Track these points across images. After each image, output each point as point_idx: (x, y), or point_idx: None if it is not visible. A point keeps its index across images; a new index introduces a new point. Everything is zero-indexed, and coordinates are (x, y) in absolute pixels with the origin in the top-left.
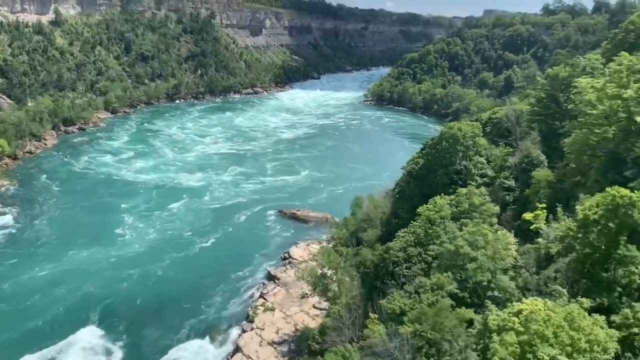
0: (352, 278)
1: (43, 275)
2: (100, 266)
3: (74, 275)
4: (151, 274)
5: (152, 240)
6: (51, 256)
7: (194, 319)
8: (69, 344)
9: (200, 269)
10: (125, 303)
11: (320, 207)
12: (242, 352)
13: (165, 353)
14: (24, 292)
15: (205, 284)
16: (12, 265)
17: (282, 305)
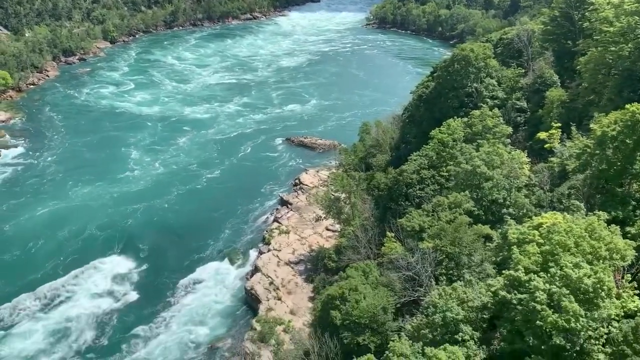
0: (364, 201)
1: (55, 209)
2: (110, 200)
3: (85, 208)
4: (163, 206)
5: (159, 174)
6: (61, 191)
7: (211, 243)
8: (93, 270)
9: (213, 198)
10: (142, 232)
11: (327, 134)
12: (261, 272)
13: (186, 275)
14: (41, 224)
15: (219, 212)
16: (27, 199)
17: (296, 228)
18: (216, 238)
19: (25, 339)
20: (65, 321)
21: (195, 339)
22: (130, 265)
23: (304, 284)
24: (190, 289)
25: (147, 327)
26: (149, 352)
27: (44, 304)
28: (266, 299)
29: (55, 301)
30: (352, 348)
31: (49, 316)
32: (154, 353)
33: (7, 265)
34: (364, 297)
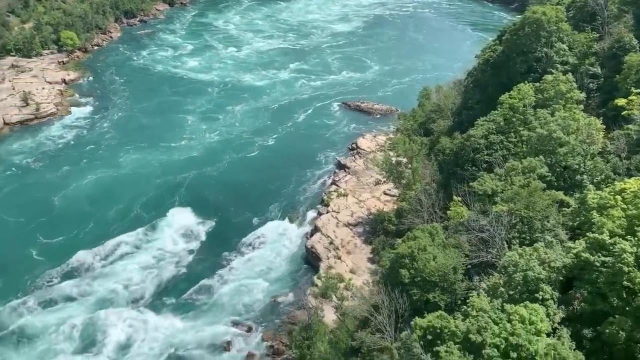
0: (425, 166)
1: (115, 172)
2: (169, 166)
3: (144, 173)
4: (221, 171)
5: (214, 142)
6: (119, 155)
7: (271, 204)
8: (158, 226)
9: (270, 162)
10: (203, 194)
11: (385, 99)
12: (321, 232)
13: (248, 233)
14: (100, 186)
15: (277, 175)
16: (90, 161)
17: (353, 191)
18: (275, 199)
19: (98, 288)
20: (131, 273)
21: (258, 292)
22: (194, 222)
23: (362, 245)
24: (252, 245)
25: (211, 279)
26: (214, 303)
27: (109, 257)
28: (326, 258)
29: (120, 254)
30: (419, 305)
31: (114, 269)
32: (218, 304)
33: (72, 224)
34: (434, 257)
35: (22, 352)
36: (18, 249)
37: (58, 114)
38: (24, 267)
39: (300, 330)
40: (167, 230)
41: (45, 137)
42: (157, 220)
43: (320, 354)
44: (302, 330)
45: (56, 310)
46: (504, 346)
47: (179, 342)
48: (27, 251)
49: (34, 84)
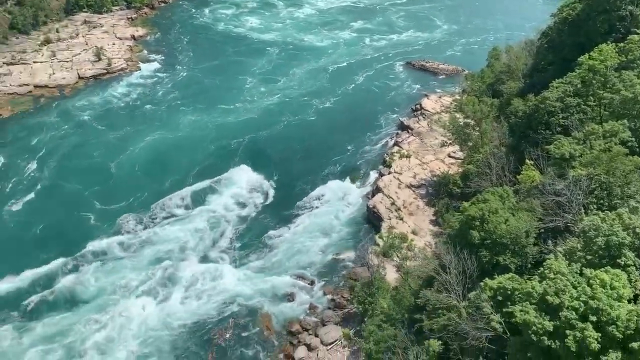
0: (494, 128)
1: (177, 133)
2: (228, 126)
3: (204, 134)
4: (282, 132)
5: (275, 102)
6: (181, 114)
7: (332, 164)
8: (223, 182)
9: (332, 122)
10: (265, 154)
11: (451, 60)
12: (383, 192)
13: (310, 191)
14: (161, 146)
15: (339, 135)
16: (155, 118)
17: (417, 153)
18: (336, 160)
19: (159, 245)
20: (194, 229)
21: (319, 249)
22: (255, 181)
23: (425, 207)
24: (313, 204)
25: (273, 235)
26: (277, 258)
27: (168, 217)
28: (388, 218)
29: (179, 214)
30: (487, 267)
31: (173, 227)
32: (281, 258)
33: (130, 188)
34: (505, 220)
35: (80, 310)
36: (76, 214)
37: (128, 70)
38: (82, 231)
39: (362, 287)
40: (228, 188)
41: (111, 94)
42: (217, 180)
43: (383, 309)
44: (365, 287)
45: (117, 269)
46: (582, 309)
47: (244, 293)
48: (85, 216)
49: (105, 39)
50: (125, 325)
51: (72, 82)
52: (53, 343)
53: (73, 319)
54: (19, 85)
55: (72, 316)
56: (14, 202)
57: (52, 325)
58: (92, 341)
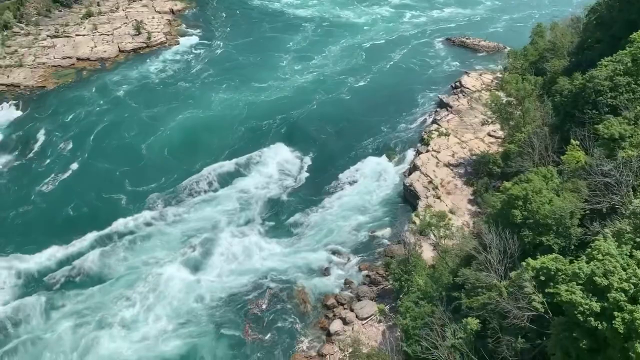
0: (537, 107)
1: (209, 112)
2: (262, 104)
3: (237, 111)
4: (316, 110)
5: (309, 80)
6: (214, 92)
7: (368, 141)
8: (258, 158)
9: (369, 100)
10: (300, 131)
11: (493, 36)
12: (420, 171)
13: (346, 168)
14: (197, 124)
15: (375, 112)
16: (188, 95)
17: (455, 131)
18: (372, 137)
19: (197, 217)
20: (230, 203)
21: (355, 225)
22: (292, 156)
23: (463, 187)
24: (349, 181)
25: (309, 211)
26: (312, 232)
27: (211, 186)
28: (425, 197)
29: (213, 192)
30: (528, 248)
31: (214, 199)
32: (316, 233)
33: (167, 163)
34: (549, 200)
35: (111, 285)
36: (107, 195)
37: (167, 44)
38: (112, 211)
39: (398, 264)
40: (263, 165)
41: (148, 69)
42: (251, 157)
43: (420, 287)
44: (401, 264)
45: (149, 245)
46: (632, 291)
47: (279, 267)
48: (116, 196)
49: (145, 13)
50: (158, 298)
51: (113, 56)
52: (84, 317)
53: (104, 294)
54: (62, 58)
55: (103, 291)
56: (47, 181)
57: (83, 300)
58: (124, 315)
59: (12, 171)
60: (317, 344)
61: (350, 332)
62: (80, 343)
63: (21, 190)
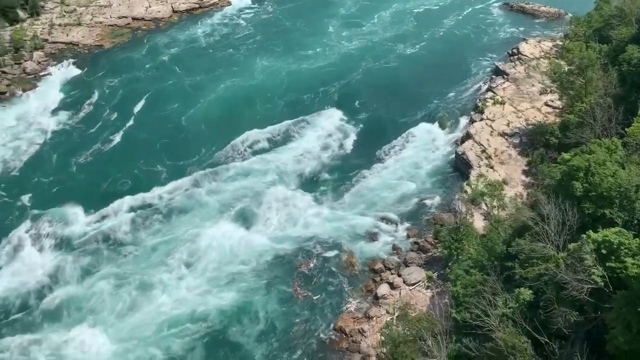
0: (599, 77)
1: (251, 81)
2: (313, 69)
3: (280, 78)
4: (364, 78)
5: (356, 47)
6: (259, 59)
7: (420, 108)
8: (307, 121)
9: (419, 67)
10: (349, 97)
11: (554, 2)
12: (473, 139)
13: (397, 134)
14: (240, 92)
15: (427, 79)
16: (232, 62)
17: (511, 100)
18: (425, 104)
19: (241, 182)
20: (282, 163)
21: (404, 192)
22: (341, 121)
23: (517, 157)
24: (399, 148)
25: (358, 176)
26: (361, 198)
27: (252, 155)
28: (477, 166)
29: (260, 157)
30: (587, 221)
31: (259, 163)
32: (365, 199)
33: (207, 137)
34: (613, 172)
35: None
36: (146, 167)
37: (219, 4)
38: (152, 180)
39: (448, 232)
40: (309, 132)
41: (197, 32)
42: (298, 123)
43: (470, 255)
44: (451, 232)
45: (195, 208)
46: None
47: (327, 230)
48: (156, 166)
49: None
50: (202, 260)
51: (167, 16)
52: (123, 279)
53: (144, 257)
54: (118, 18)
55: (143, 255)
56: (91, 146)
57: (123, 264)
58: (167, 276)
59: (62, 132)
60: (364, 306)
61: (397, 297)
62: (121, 303)
63: (66, 153)
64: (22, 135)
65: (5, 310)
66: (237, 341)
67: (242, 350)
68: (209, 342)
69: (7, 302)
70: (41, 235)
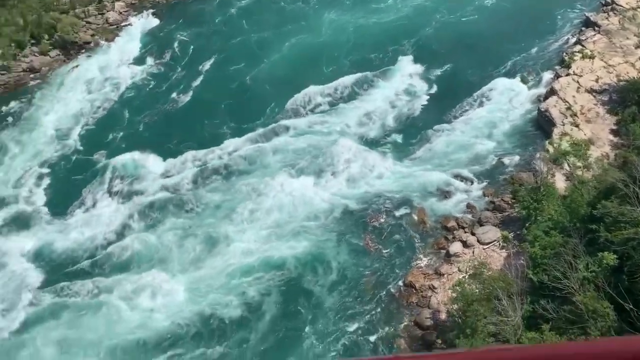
0: None
1: (319, 38)
2: (385, 22)
3: (348, 33)
4: (444, 29)
5: None
6: (327, 12)
7: (500, 61)
8: (384, 72)
9: (501, 17)
10: (426, 47)
11: None
12: (558, 95)
13: (475, 88)
14: (309, 49)
15: (510, 29)
16: (300, 16)
17: (602, 54)
18: (505, 58)
19: (308, 139)
20: (348, 121)
21: (481, 149)
22: (415, 75)
23: (605, 115)
24: (479, 102)
25: (433, 130)
26: (435, 153)
27: (323, 108)
28: (561, 124)
29: (333, 106)
30: None
31: (332, 116)
32: (439, 154)
33: (272, 97)
34: None
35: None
36: (209, 131)
37: None
38: (216, 138)
39: (527, 192)
40: (386, 81)
41: None
42: (368, 76)
43: (551, 216)
44: (530, 192)
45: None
46: None
47: (398, 184)
48: (221, 129)
49: None
50: (270, 212)
51: None
52: (188, 231)
53: (209, 212)
54: None
55: (207, 209)
56: (157, 107)
57: (187, 218)
58: (234, 229)
59: (135, 87)
60: (435, 262)
61: (470, 255)
62: (189, 254)
63: (137, 108)
64: (100, 87)
65: (75, 260)
66: (311, 289)
67: (315, 298)
68: (284, 289)
69: (77, 253)
70: (111, 189)
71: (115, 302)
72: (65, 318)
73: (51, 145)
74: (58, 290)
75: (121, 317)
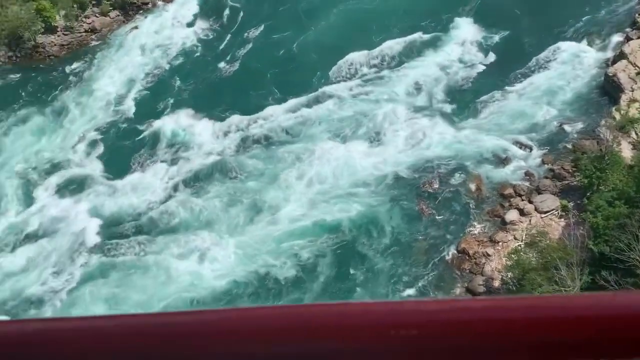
0: None
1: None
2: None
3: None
4: None
5: None
6: None
7: (566, 23)
8: (439, 36)
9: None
10: (482, 11)
11: None
12: (628, 59)
13: (539, 51)
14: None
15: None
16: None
17: None
18: (571, 20)
19: (362, 101)
20: (401, 87)
21: (542, 115)
22: (474, 37)
23: None
24: (543, 66)
25: (493, 95)
26: (494, 118)
27: (372, 75)
28: (630, 90)
29: (383, 72)
30: None
31: (382, 83)
32: (499, 120)
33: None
34: None
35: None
36: (258, 95)
37: None
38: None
39: (590, 160)
40: (448, 41)
41: None
42: (422, 37)
43: (615, 186)
44: (594, 160)
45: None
46: None
47: (454, 150)
48: (267, 98)
49: None
50: (321, 177)
51: None
52: (234, 197)
53: (254, 180)
54: None
55: (251, 178)
56: (205, 74)
57: (231, 186)
58: (284, 195)
59: (185, 53)
60: (490, 230)
61: (527, 224)
62: (237, 219)
63: (187, 75)
64: (153, 52)
65: (125, 223)
66: (365, 252)
67: (369, 261)
68: (338, 252)
69: (126, 217)
70: (159, 155)
71: (165, 263)
72: (115, 277)
73: (107, 110)
74: (108, 250)
75: (171, 278)
